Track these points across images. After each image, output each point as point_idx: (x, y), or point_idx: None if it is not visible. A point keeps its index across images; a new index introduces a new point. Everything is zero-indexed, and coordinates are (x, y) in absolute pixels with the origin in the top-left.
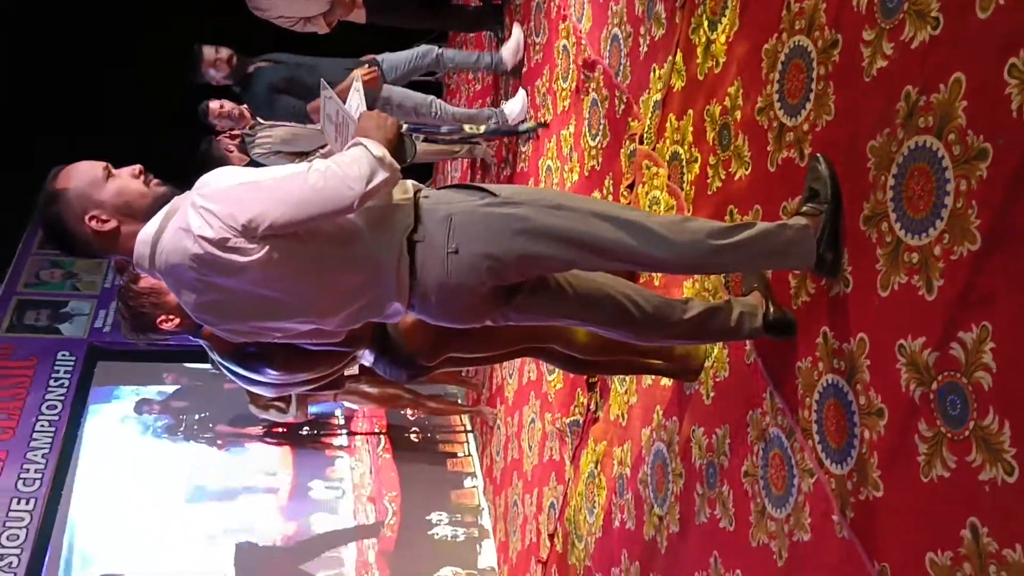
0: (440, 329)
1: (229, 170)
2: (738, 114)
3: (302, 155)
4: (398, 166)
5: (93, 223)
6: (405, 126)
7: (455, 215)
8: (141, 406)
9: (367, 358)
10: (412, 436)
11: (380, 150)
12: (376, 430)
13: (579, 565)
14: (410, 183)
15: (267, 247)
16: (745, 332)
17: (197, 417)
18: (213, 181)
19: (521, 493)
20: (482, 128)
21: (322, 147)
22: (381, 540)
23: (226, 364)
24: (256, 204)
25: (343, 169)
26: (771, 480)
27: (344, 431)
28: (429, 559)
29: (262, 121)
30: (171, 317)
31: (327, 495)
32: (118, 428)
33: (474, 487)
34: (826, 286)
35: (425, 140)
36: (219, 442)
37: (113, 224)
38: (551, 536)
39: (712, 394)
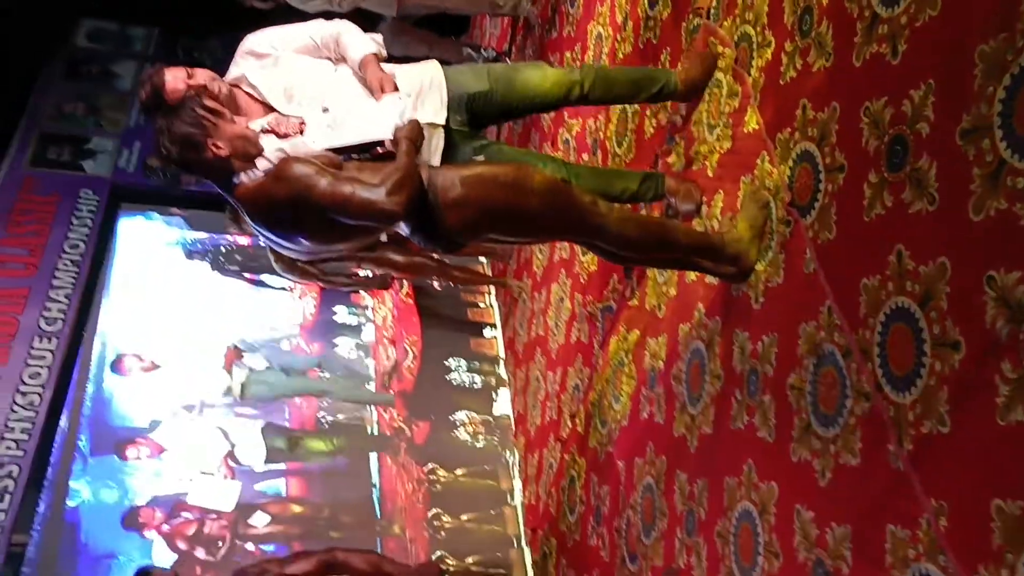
0: (483, 209)
1: None
2: None
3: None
4: None
5: None
6: None
7: None
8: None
9: (404, 230)
10: (434, 283)
11: None
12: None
13: (600, 449)
14: None
15: None
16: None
17: (224, 249)
18: None
19: (544, 370)
20: None
21: None
22: (400, 381)
23: (259, 228)
24: None
25: None
26: (820, 397)
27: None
28: (446, 402)
29: None
30: (220, 145)
31: (351, 319)
32: (146, 254)
33: (493, 337)
34: (907, 200)
35: None
36: (246, 275)
37: None
38: (573, 416)
39: (762, 299)
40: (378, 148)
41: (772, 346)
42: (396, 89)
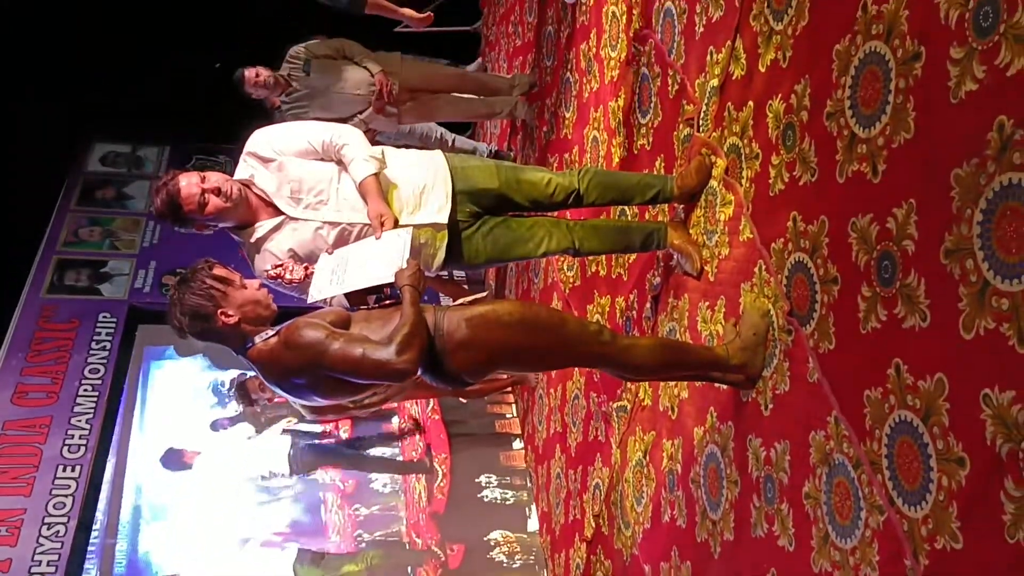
0: (489, 350)
1: None
2: (804, 115)
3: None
4: None
5: None
6: None
7: None
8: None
9: None
10: (460, 397)
11: None
12: None
13: (626, 552)
14: None
15: None
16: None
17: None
18: None
19: (564, 468)
20: None
21: (360, 113)
22: (432, 502)
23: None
24: None
25: None
26: (835, 508)
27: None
28: (479, 522)
29: (298, 87)
30: (230, 313)
31: (385, 452)
32: (169, 389)
33: (522, 449)
34: (900, 315)
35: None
36: (276, 425)
37: None
38: (596, 517)
39: (771, 406)
40: (385, 289)
41: (785, 454)
42: (396, 223)
